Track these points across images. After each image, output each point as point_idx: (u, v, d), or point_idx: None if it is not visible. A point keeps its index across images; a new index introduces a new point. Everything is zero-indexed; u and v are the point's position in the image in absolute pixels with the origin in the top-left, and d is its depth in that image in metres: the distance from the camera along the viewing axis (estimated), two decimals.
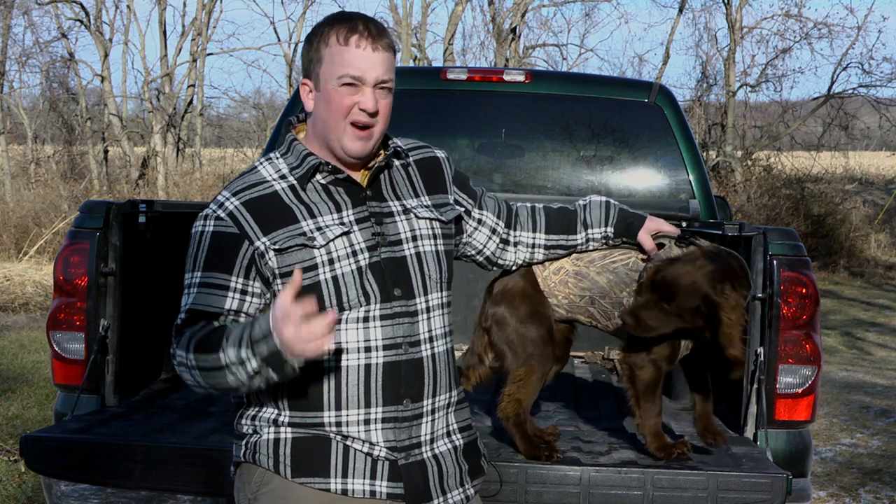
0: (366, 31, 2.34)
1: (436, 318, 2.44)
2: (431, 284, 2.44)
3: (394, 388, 2.35)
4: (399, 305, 2.37)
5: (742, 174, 21.84)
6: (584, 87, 5.33)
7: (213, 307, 2.31)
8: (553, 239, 2.81)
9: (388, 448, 2.35)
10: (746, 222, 3.48)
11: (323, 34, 2.36)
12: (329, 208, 2.37)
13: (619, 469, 2.90)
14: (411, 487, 2.36)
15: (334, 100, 2.34)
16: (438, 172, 2.58)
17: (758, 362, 3.27)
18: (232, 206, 2.35)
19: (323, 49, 2.35)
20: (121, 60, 34.93)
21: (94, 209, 3.56)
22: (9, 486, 5.50)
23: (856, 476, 6.37)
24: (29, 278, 13.02)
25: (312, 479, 2.32)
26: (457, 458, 2.46)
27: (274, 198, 2.36)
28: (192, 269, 2.36)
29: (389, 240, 2.40)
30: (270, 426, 2.36)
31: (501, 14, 24.37)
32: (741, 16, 23.59)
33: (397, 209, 2.44)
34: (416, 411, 2.38)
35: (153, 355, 3.95)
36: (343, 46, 2.33)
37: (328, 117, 2.36)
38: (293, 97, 5.27)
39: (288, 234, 2.32)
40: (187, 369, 2.27)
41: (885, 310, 15.12)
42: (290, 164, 2.41)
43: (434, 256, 2.45)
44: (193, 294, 2.33)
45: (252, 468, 2.39)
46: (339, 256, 2.33)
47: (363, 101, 2.34)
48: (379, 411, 2.34)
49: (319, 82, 2.37)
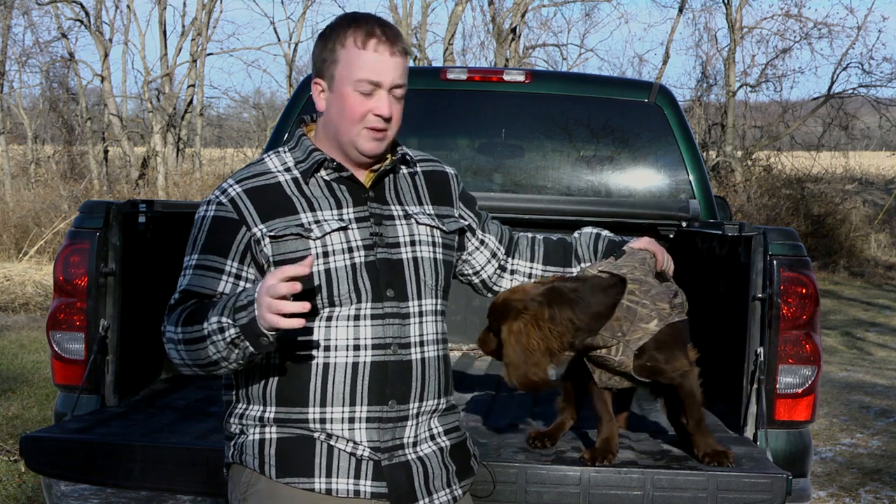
0: (383, 35, 2.35)
1: (428, 323, 2.44)
2: (426, 290, 2.44)
3: (380, 389, 2.35)
4: (390, 306, 2.37)
5: (742, 174, 21.84)
6: (583, 87, 5.33)
7: (206, 289, 2.34)
8: (550, 270, 2.79)
9: (371, 448, 2.35)
10: (746, 222, 3.48)
11: (339, 35, 2.37)
12: (329, 203, 2.39)
13: (619, 469, 2.89)
14: (395, 488, 2.36)
15: (349, 103, 2.36)
16: (445, 187, 2.59)
17: (758, 362, 3.27)
18: (234, 192, 2.38)
19: (339, 50, 2.36)
20: (121, 60, 34.95)
21: (94, 209, 3.56)
22: (9, 486, 5.50)
23: (856, 476, 6.37)
24: (29, 278, 13.03)
25: (297, 479, 2.33)
26: (443, 460, 2.45)
27: (276, 188, 2.38)
28: (191, 251, 2.40)
29: (387, 241, 2.40)
30: (256, 426, 2.37)
31: (501, 14, 24.38)
32: (741, 16, 23.60)
33: (398, 213, 2.45)
34: (402, 413, 2.38)
35: (153, 355, 3.95)
36: (361, 50, 2.34)
37: (341, 120, 2.38)
38: (293, 97, 5.27)
39: (285, 224, 2.34)
40: (174, 345, 2.30)
41: (885, 310, 15.13)
42: (296, 157, 2.43)
43: (431, 263, 2.45)
44: (189, 276, 2.37)
45: (240, 469, 2.40)
46: (333, 251, 2.34)
47: (378, 106, 2.35)
48: (364, 410, 2.35)
49: (333, 83, 2.37)
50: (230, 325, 2.18)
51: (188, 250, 2.41)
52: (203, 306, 2.28)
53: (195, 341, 2.25)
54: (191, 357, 2.28)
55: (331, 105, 2.39)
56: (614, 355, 2.78)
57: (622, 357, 2.78)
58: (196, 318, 2.26)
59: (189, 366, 2.31)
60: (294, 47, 25.50)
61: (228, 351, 2.21)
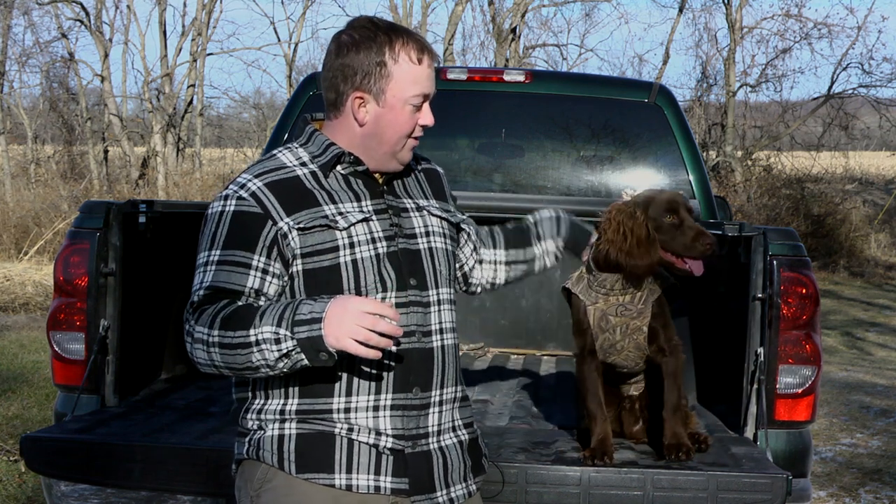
0: (428, 49, 2.40)
1: (445, 311, 2.48)
2: (441, 279, 2.48)
3: (404, 376, 2.38)
4: (413, 295, 2.41)
5: (742, 174, 21.83)
6: (584, 87, 5.33)
7: (235, 284, 2.31)
8: (512, 254, 2.84)
9: (395, 436, 2.37)
10: (746, 222, 3.48)
11: (386, 48, 2.36)
12: (349, 196, 2.41)
13: (619, 469, 2.90)
14: (416, 477, 2.38)
15: (402, 118, 2.39)
16: (439, 184, 2.65)
17: (758, 362, 3.27)
18: (255, 186, 2.37)
19: (392, 65, 2.36)
20: (121, 60, 34.85)
21: (94, 209, 3.56)
22: (9, 486, 5.50)
23: (856, 476, 6.37)
24: (29, 278, 13.03)
25: (317, 474, 2.33)
26: (462, 453, 2.48)
27: (296, 182, 2.39)
28: (210, 247, 2.35)
29: (406, 232, 2.45)
30: (276, 420, 2.37)
31: (501, 14, 24.38)
32: (741, 16, 23.58)
33: (411, 206, 2.50)
34: (425, 401, 2.41)
35: (153, 355, 3.95)
36: (416, 66, 2.37)
37: (391, 134, 2.40)
38: (293, 97, 5.27)
39: (311, 216, 2.35)
40: (205, 346, 2.25)
41: (885, 310, 15.12)
42: (311, 152, 2.44)
43: (444, 254, 2.51)
44: (212, 271, 2.33)
45: (255, 465, 2.39)
46: (359, 241, 2.36)
47: (425, 117, 2.42)
48: (388, 398, 2.36)
49: (383, 98, 2.38)
50: (288, 336, 2.17)
51: (206, 246, 2.36)
52: (242, 310, 2.24)
53: (237, 346, 2.21)
54: (225, 360, 2.24)
55: (379, 119, 2.39)
56: (637, 303, 2.97)
57: (643, 306, 2.97)
58: (238, 321, 2.22)
59: (218, 367, 2.28)
60: (294, 47, 25.52)
61: (277, 360, 2.20)
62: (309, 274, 2.35)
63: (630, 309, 2.98)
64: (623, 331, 3.00)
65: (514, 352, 5.05)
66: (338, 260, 2.34)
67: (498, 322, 5.10)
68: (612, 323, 2.99)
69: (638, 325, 2.99)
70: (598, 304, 2.99)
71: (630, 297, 2.98)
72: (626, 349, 3.02)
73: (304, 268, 2.35)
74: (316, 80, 4.88)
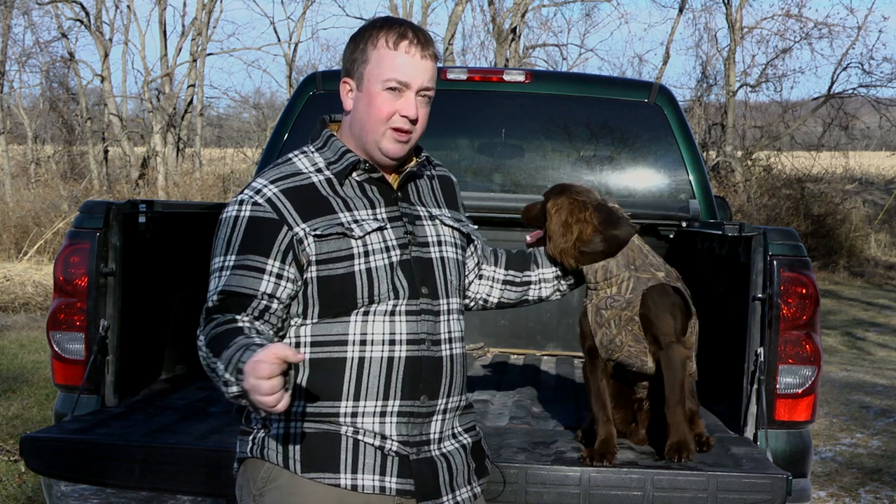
0: (415, 38, 2.39)
1: (454, 321, 2.49)
2: (451, 289, 2.50)
3: (413, 383, 2.38)
4: (425, 303, 2.41)
5: (742, 174, 21.84)
6: (583, 88, 5.33)
7: (248, 289, 2.32)
8: (510, 275, 2.83)
9: (401, 442, 2.37)
10: (746, 222, 3.48)
11: (371, 36, 2.40)
12: (364, 204, 2.42)
13: (619, 469, 2.90)
14: (421, 483, 2.38)
15: (376, 103, 2.39)
16: (452, 192, 2.66)
17: (758, 362, 3.27)
18: (270, 192, 2.37)
19: (370, 50, 2.39)
20: (121, 60, 34.89)
21: (94, 209, 3.56)
22: (9, 486, 5.51)
23: (856, 476, 6.38)
24: (29, 278, 13.04)
25: (322, 474, 2.33)
26: (466, 457, 2.49)
27: (311, 188, 2.40)
28: (225, 252, 2.36)
29: (419, 240, 2.45)
30: (281, 420, 2.37)
31: (501, 14, 24.38)
32: (741, 16, 23.60)
33: (424, 214, 2.50)
34: (431, 409, 2.41)
35: (153, 355, 3.95)
36: (392, 51, 2.37)
37: (367, 119, 2.40)
38: (293, 97, 5.26)
39: (327, 223, 2.36)
40: (203, 358, 2.27)
41: (885, 310, 15.13)
42: (326, 158, 2.45)
43: (455, 264, 2.52)
44: (226, 276, 2.34)
45: (258, 464, 2.39)
46: (373, 250, 2.37)
47: (405, 107, 2.38)
48: (396, 404, 2.37)
49: (362, 82, 2.40)
50: (233, 382, 2.15)
51: (220, 251, 2.37)
52: (226, 334, 2.23)
53: (213, 370, 2.22)
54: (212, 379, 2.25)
55: (358, 104, 2.42)
56: (624, 293, 2.96)
57: (631, 295, 2.95)
58: (217, 346, 2.21)
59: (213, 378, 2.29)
60: (294, 47, 25.54)
61: (234, 399, 2.19)
62: (323, 281, 2.35)
63: (618, 300, 2.98)
64: (617, 323, 2.99)
65: (514, 352, 5.06)
66: (352, 268, 2.35)
67: (498, 322, 5.10)
68: (606, 317, 3.00)
69: (629, 316, 2.98)
70: (593, 300, 3.01)
71: (616, 289, 2.97)
72: (625, 343, 3.01)
73: (319, 275, 2.35)
74: (316, 80, 4.89)
